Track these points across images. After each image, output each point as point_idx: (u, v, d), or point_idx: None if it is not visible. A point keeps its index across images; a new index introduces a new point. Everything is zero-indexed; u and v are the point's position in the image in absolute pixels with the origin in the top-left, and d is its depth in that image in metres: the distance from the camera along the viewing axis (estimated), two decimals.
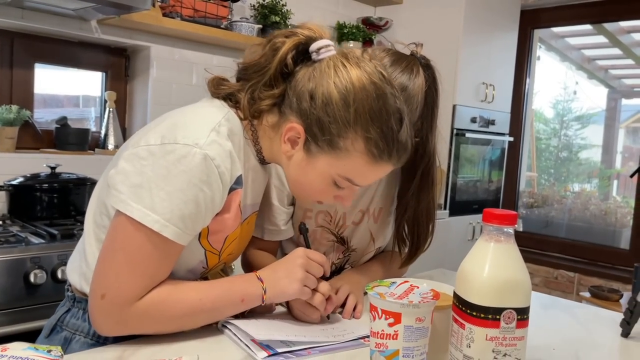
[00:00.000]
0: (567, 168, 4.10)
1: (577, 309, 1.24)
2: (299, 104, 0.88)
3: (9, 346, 0.66)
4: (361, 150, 0.87)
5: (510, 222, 0.73)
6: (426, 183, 1.18)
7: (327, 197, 0.95)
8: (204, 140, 0.83)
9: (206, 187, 0.83)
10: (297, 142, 0.89)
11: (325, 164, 0.89)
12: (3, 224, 1.86)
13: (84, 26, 2.17)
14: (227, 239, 0.94)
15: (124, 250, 0.82)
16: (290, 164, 0.93)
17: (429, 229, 1.22)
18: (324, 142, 0.87)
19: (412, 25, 3.16)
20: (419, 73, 1.11)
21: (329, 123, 0.85)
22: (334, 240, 1.24)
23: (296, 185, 0.96)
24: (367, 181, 0.93)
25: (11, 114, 2.06)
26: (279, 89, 0.90)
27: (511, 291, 0.72)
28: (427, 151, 1.15)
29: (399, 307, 0.75)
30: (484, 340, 0.72)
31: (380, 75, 0.88)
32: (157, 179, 0.81)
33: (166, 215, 0.80)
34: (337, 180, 0.91)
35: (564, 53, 4.18)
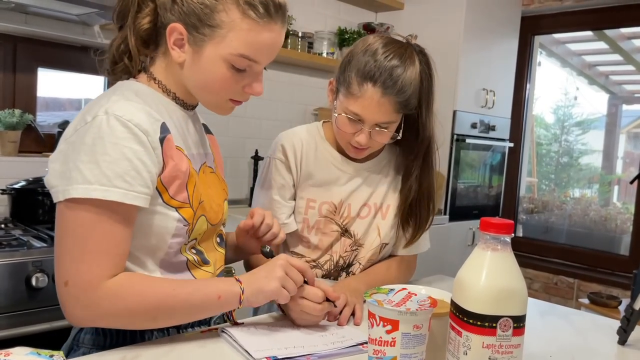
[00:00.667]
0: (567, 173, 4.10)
1: (575, 316, 1.24)
2: (169, 9, 0.90)
3: (12, 351, 0.67)
4: (239, 18, 0.87)
5: (506, 231, 0.74)
6: (426, 166, 1.27)
7: (234, 87, 0.93)
8: (109, 105, 0.85)
9: (127, 142, 0.84)
10: (182, 42, 0.90)
11: (214, 49, 0.89)
12: (5, 227, 1.87)
13: (86, 31, 2.19)
14: (188, 186, 0.94)
15: (71, 233, 0.83)
16: (186, 69, 0.92)
17: (430, 208, 1.29)
18: (204, 26, 0.88)
19: (412, 31, 3.13)
20: (413, 57, 1.18)
21: (200, 8, 0.87)
22: (338, 231, 1.29)
23: (201, 90, 0.95)
24: (263, 51, 0.91)
25: (14, 117, 2.08)
26: (149, 8, 0.93)
27: (507, 299, 0.73)
28: (426, 135, 1.24)
29: (396, 314, 0.76)
30: (481, 348, 0.72)
31: None
32: (81, 156, 0.82)
33: (102, 180, 0.81)
34: (233, 62, 0.89)
35: (565, 59, 4.19)
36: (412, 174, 1.27)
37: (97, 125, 0.83)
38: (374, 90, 1.14)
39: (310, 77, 3.07)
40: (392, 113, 1.17)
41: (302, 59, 2.85)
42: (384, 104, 1.15)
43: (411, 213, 1.29)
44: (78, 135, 0.84)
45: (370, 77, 1.14)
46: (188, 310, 0.89)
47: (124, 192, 0.82)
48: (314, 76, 3.09)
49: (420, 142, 1.24)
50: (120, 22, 0.96)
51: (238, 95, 0.96)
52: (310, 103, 3.06)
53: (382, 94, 1.14)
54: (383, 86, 1.13)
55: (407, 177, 1.28)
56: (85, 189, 0.81)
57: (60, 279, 0.83)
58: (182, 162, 0.92)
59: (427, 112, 1.22)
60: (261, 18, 0.88)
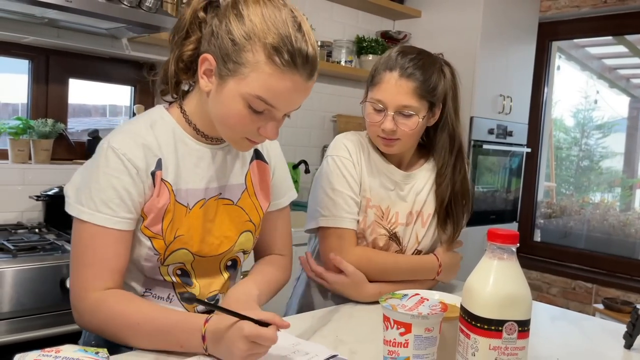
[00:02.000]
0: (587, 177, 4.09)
1: (585, 321, 1.28)
2: (208, 40, 0.95)
3: (62, 348, 0.75)
4: (263, 60, 0.89)
5: (512, 242, 0.79)
6: (458, 167, 1.34)
7: (250, 126, 0.95)
8: (112, 137, 0.96)
9: (118, 173, 0.94)
10: (211, 72, 0.95)
11: (235, 86, 0.92)
12: (39, 232, 1.97)
13: (115, 44, 2.29)
14: (164, 218, 0.98)
15: (75, 247, 0.95)
16: (210, 99, 0.96)
17: (465, 208, 1.36)
18: (230, 61, 0.91)
19: (430, 38, 3.22)
20: (437, 60, 1.31)
21: (232, 44, 0.91)
22: (386, 235, 1.34)
23: (220, 121, 0.98)
24: (281, 99, 0.93)
25: (47, 127, 2.18)
26: (195, 36, 0.98)
27: (513, 305, 0.78)
28: (456, 134, 1.34)
29: (409, 318, 0.81)
30: (488, 350, 0.78)
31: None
32: (84, 179, 0.96)
33: (90, 204, 0.92)
34: (251, 102, 0.92)
35: (584, 62, 4.18)
36: (444, 176, 1.33)
37: (98, 154, 0.96)
38: (392, 75, 1.25)
39: (329, 85, 3.14)
40: (411, 96, 1.24)
41: (321, 67, 2.91)
42: (402, 85, 1.23)
43: (448, 214, 1.35)
44: (91, 158, 0.98)
45: (390, 67, 1.26)
46: (151, 343, 0.91)
47: (108, 218, 0.93)
48: (332, 84, 3.15)
49: (451, 143, 1.33)
50: (170, 47, 1.02)
51: (252, 135, 0.97)
52: (329, 110, 3.13)
53: (400, 75, 1.24)
54: (401, 69, 1.24)
55: (441, 180, 1.34)
56: (79, 210, 0.93)
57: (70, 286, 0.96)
58: (161, 198, 0.98)
59: (456, 114, 1.32)
60: (284, 66, 0.89)
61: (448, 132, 1.33)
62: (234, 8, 0.92)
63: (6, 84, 2.33)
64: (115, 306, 0.91)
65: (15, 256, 1.62)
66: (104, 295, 0.92)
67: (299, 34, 0.90)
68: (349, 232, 1.30)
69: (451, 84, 1.31)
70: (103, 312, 0.91)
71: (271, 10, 0.90)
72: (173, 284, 1.06)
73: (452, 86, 1.32)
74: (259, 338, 0.83)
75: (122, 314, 0.91)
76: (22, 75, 2.29)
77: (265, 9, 0.90)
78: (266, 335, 0.83)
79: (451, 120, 1.32)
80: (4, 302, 1.58)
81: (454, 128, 1.33)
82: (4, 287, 1.58)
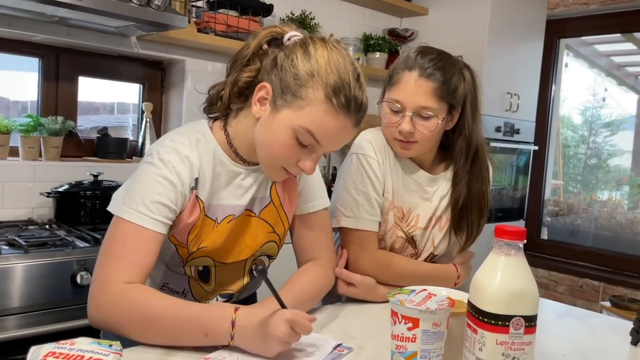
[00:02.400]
0: (595, 175, 4.08)
1: (591, 318, 1.29)
2: (269, 70, 1.01)
3: (77, 340, 0.76)
4: (321, 98, 0.95)
5: (519, 238, 0.80)
6: (475, 171, 1.30)
7: (291, 158, 1.00)
8: (164, 150, 1.01)
9: (165, 182, 0.99)
10: (265, 100, 1.00)
11: (288, 116, 0.97)
12: (50, 228, 1.99)
13: (124, 42, 2.31)
14: (191, 232, 1.05)
15: (107, 242, 0.97)
16: (259, 125, 1.02)
17: (481, 214, 1.32)
18: (289, 93, 0.97)
19: (437, 35, 3.22)
20: (457, 62, 1.28)
21: (294, 78, 0.97)
22: (403, 238, 1.33)
23: (263, 147, 1.02)
24: (328, 137, 0.98)
25: (57, 124, 2.20)
26: (255, 66, 1.05)
27: (519, 300, 0.79)
28: (473, 139, 1.29)
29: (417, 313, 0.82)
30: (495, 345, 0.79)
31: (340, 47, 1.01)
32: (130, 184, 1.01)
33: (132, 204, 0.97)
34: (299, 134, 0.97)
35: (593, 60, 4.17)
36: (460, 179, 1.30)
37: (148, 162, 1.01)
38: (411, 74, 1.22)
39: None
40: (430, 97, 1.20)
41: None
42: (422, 85, 1.20)
43: (462, 218, 1.32)
44: (141, 164, 1.03)
45: (409, 66, 1.23)
46: (174, 336, 0.91)
47: (146, 218, 0.96)
48: None
49: (467, 147, 1.28)
50: (229, 71, 1.08)
51: (291, 166, 1.02)
52: None
53: (420, 75, 1.21)
54: (421, 69, 1.21)
55: (457, 183, 1.31)
56: (121, 209, 0.97)
57: (92, 281, 0.96)
58: (193, 215, 1.04)
59: (473, 118, 1.28)
60: (339, 107, 0.96)
61: (464, 136, 1.29)
62: (302, 47, 0.99)
63: (17, 82, 2.36)
64: (138, 296, 0.92)
65: (27, 252, 1.64)
66: (127, 286, 0.93)
67: (357, 83, 0.98)
68: (370, 235, 1.29)
69: (471, 87, 1.28)
70: (125, 303, 0.91)
71: (336, 56, 0.98)
72: (189, 278, 1.12)
73: (472, 89, 1.28)
74: (297, 324, 0.88)
75: (145, 304, 0.91)
76: (33, 73, 2.31)
77: (332, 54, 0.98)
78: (304, 324, 0.89)
79: (468, 125, 1.28)
80: (15, 297, 1.60)
81: (470, 132, 1.28)
82: (16, 282, 1.60)
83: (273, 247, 1.18)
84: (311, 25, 2.79)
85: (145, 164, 1.02)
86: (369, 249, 1.28)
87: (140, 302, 0.92)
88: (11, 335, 1.58)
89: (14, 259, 1.61)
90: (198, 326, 0.90)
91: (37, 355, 0.72)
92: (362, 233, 1.28)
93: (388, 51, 3.17)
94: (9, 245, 1.71)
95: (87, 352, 0.73)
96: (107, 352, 0.74)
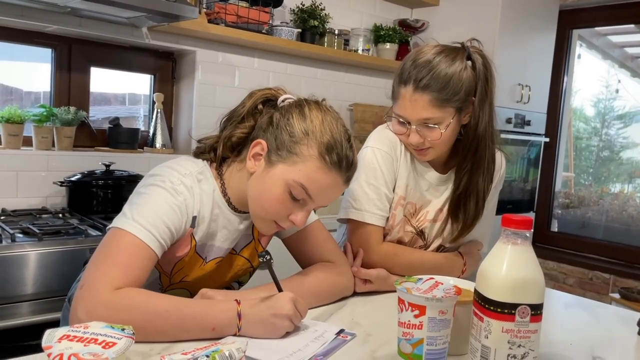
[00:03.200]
0: (607, 168, 4.05)
1: (599, 308, 1.29)
2: (265, 128, 1.06)
3: (90, 324, 0.78)
4: (315, 155, 1.00)
5: (526, 227, 0.81)
6: (478, 163, 1.28)
7: (283, 211, 1.03)
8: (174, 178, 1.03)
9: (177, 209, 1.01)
10: (260, 156, 1.04)
11: (282, 171, 1.01)
12: (63, 216, 2.02)
13: (135, 32, 2.32)
14: (177, 265, 1.09)
15: (106, 249, 0.96)
16: (252, 179, 1.05)
17: (477, 205, 1.30)
18: (284, 150, 1.02)
19: (448, 26, 3.21)
20: (458, 56, 1.23)
21: (289, 135, 1.02)
22: (412, 232, 1.35)
23: (255, 201, 1.05)
24: (320, 192, 1.02)
25: (69, 114, 2.22)
26: (249, 123, 1.10)
27: (525, 289, 0.79)
28: (479, 130, 1.25)
29: (424, 300, 0.83)
30: (500, 332, 0.80)
31: (332, 111, 1.08)
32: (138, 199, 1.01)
33: (141, 221, 0.96)
34: (292, 188, 1.01)
35: (606, 51, 4.12)
36: (463, 167, 1.29)
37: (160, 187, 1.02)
38: (406, 90, 1.22)
39: (346, 74, 3.15)
40: (430, 108, 1.20)
41: (338, 56, 2.93)
42: (417, 100, 1.20)
43: (459, 206, 1.31)
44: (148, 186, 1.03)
45: (403, 80, 1.23)
46: (179, 334, 0.92)
47: (151, 237, 0.96)
48: (349, 72, 3.16)
49: (473, 137, 1.26)
50: (223, 126, 1.13)
51: (282, 220, 1.05)
52: (346, 99, 3.14)
53: (414, 90, 1.20)
54: (414, 83, 1.20)
55: (459, 170, 1.30)
56: (129, 224, 0.96)
57: (81, 283, 0.92)
58: (182, 250, 1.06)
59: (480, 108, 1.24)
60: (331, 164, 1.01)
61: (470, 126, 1.26)
62: (297, 107, 1.05)
63: (30, 73, 2.39)
64: (135, 298, 0.90)
65: (41, 240, 1.67)
66: (121, 291, 0.90)
67: (347, 144, 1.04)
68: (376, 229, 1.30)
69: (482, 75, 1.23)
70: (123, 306, 0.89)
71: (330, 118, 1.05)
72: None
73: (482, 77, 1.23)
74: (299, 303, 0.97)
75: (146, 304, 0.90)
76: (45, 64, 2.34)
77: (326, 116, 1.04)
78: (303, 302, 0.98)
79: (474, 114, 1.25)
80: (29, 283, 1.63)
81: (477, 121, 1.24)
82: (30, 269, 1.63)
83: (246, 277, 1.26)
84: (321, 16, 2.78)
85: (155, 188, 1.02)
86: (374, 243, 1.30)
87: (139, 303, 0.90)
88: (25, 321, 1.62)
89: (28, 246, 1.64)
90: (204, 321, 0.92)
91: (52, 338, 0.74)
92: (369, 227, 1.29)
93: (398, 42, 3.16)
94: (23, 233, 1.74)
95: (100, 336, 0.75)
96: (119, 336, 0.76)
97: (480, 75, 1.24)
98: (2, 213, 2.01)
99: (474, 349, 0.83)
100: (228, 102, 1.18)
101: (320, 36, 2.85)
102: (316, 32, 2.80)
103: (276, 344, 0.93)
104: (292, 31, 2.68)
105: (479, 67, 1.24)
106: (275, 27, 2.65)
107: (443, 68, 1.20)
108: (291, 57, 2.88)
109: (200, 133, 1.19)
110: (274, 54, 2.80)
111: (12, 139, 2.11)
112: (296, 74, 2.93)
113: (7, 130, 2.10)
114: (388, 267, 1.29)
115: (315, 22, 2.76)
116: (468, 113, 1.26)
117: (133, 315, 0.88)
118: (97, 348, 0.72)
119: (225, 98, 2.62)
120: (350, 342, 0.98)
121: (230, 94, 2.63)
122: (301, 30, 2.76)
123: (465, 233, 1.33)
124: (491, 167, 1.30)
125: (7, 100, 2.33)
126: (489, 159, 1.29)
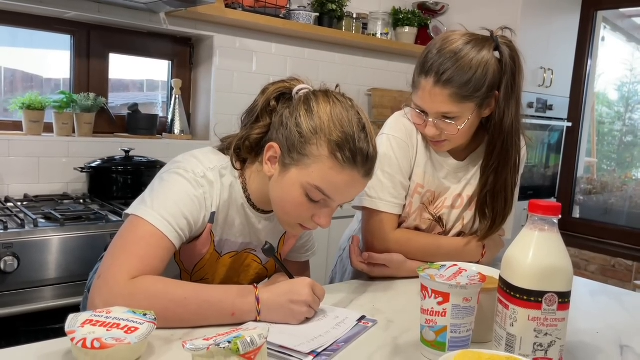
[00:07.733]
0: (631, 153, 3.97)
1: (625, 296, 1.26)
2: (277, 129, 1.02)
3: (112, 309, 0.78)
4: (326, 154, 0.96)
5: (553, 213, 0.79)
6: (504, 159, 1.24)
7: (305, 214, 1.01)
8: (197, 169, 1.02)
9: (197, 201, 1.00)
10: (275, 159, 1.01)
11: (296, 174, 0.98)
12: (84, 202, 2.04)
13: (153, 18, 2.32)
14: (199, 263, 1.08)
15: (123, 239, 0.95)
16: (272, 183, 1.03)
17: (506, 203, 1.27)
18: (295, 152, 0.98)
19: (468, 9, 3.14)
20: (484, 48, 1.17)
21: (299, 136, 0.98)
22: (430, 219, 1.33)
23: (277, 205, 1.03)
24: (338, 191, 0.98)
25: (89, 101, 2.24)
26: (264, 122, 1.06)
27: (553, 276, 0.77)
28: (504, 125, 1.20)
29: (447, 287, 0.82)
30: (527, 321, 0.78)
31: (344, 99, 1.01)
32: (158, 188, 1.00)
33: (161, 211, 0.95)
34: (309, 191, 0.97)
35: (631, 33, 4.02)
36: (490, 165, 1.25)
37: (182, 175, 1.00)
38: (426, 82, 1.17)
39: (364, 58, 3.11)
40: (449, 103, 1.17)
41: (357, 40, 2.89)
42: (437, 94, 1.16)
43: (486, 204, 1.28)
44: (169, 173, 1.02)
45: (425, 71, 1.18)
46: (199, 320, 0.91)
47: (170, 228, 0.95)
48: (367, 57, 3.12)
49: (499, 133, 1.21)
50: (243, 124, 1.09)
51: (306, 221, 1.03)
52: (364, 84, 3.11)
53: (435, 83, 1.16)
54: (436, 75, 1.15)
55: (486, 168, 1.26)
56: (149, 213, 0.95)
57: (98, 273, 0.92)
58: (203, 245, 1.06)
59: (505, 102, 1.19)
60: (345, 162, 0.96)
61: (495, 121, 1.21)
62: (305, 103, 1.00)
63: (50, 60, 2.40)
64: (153, 287, 0.90)
65: (63, 225, 1.69)
66: (138, 279, 0.90)
67: (362, 134, 0.98)
68: (390, 217, 1.28)
69: (509, 69, 1.18)
70: (142, 296, 0.88)
71: (339, 110, 0.98)
72: None
73: (509, 70, 1.18)
74: (316, 287, 0.97)
75: (164, 292, 0.90)
76: (65, 51, 2.35)
77: (334, 108, 0.98)
78: (321, 287, 0.98)
79: (499, 109, 1.19)
80: (51, 268, 1.65)
81: (502, 117, 1.20)
82: (52, 254, 1.65)
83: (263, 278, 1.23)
84: (339, 0, 2.75)
85: (177, 177, 1.01)
86: (388, 230, 1.28)
87: (157, 291, 0.90)
88: (48, 305, 1.64)
89: (50, 231, 1.66)
90: (224, 307, 0.92)
91: (75, 322, 0.74)
92: (383, 215, 1.28)
93: (418, 25, 3.11)
94: (45, 219, 1.76)
95: (122, 320, 0.75)
96: (142, 321, 0.76)
97: (507, 69, 1.18)
98: (25, 199, 2.03)
99: (498, 337, 0.82)
100: (246, 87, 1.17)
101: (338, 20, 2.81)
102: (334, 16, 2.77)
103: (298, 329, 0.93)
104: (310, 15, 2.65)
105: (506, 59, 1.18)
106: (292, 11, 2.63)
107: (467, 62, 1.15)
108: (309, 42, 2.86)
109: (219, 120, 1.18)
110: (291, 39, 2.78)
111: (33, 126, 2.13)
112: (314, 59, 2.90)
113: (28, 117, 2.11)
114: (404, 252, 1.28)
115: (333, 5, 2.73)
116: (489, 107, 1.22)
117: (152, 303, 0.87)
118: (119, 333, 0.72)
119: (243, 84, 2.60)
120: (371, 328, 0.97)
121: (248, 79, 2.61)
122: (319, 14, 2.73)
123: (497, 230, 1.30)
124: (518, 161, 1.26)
125: (28, 87, 2.35)
126: (516, 155, 1.25)
